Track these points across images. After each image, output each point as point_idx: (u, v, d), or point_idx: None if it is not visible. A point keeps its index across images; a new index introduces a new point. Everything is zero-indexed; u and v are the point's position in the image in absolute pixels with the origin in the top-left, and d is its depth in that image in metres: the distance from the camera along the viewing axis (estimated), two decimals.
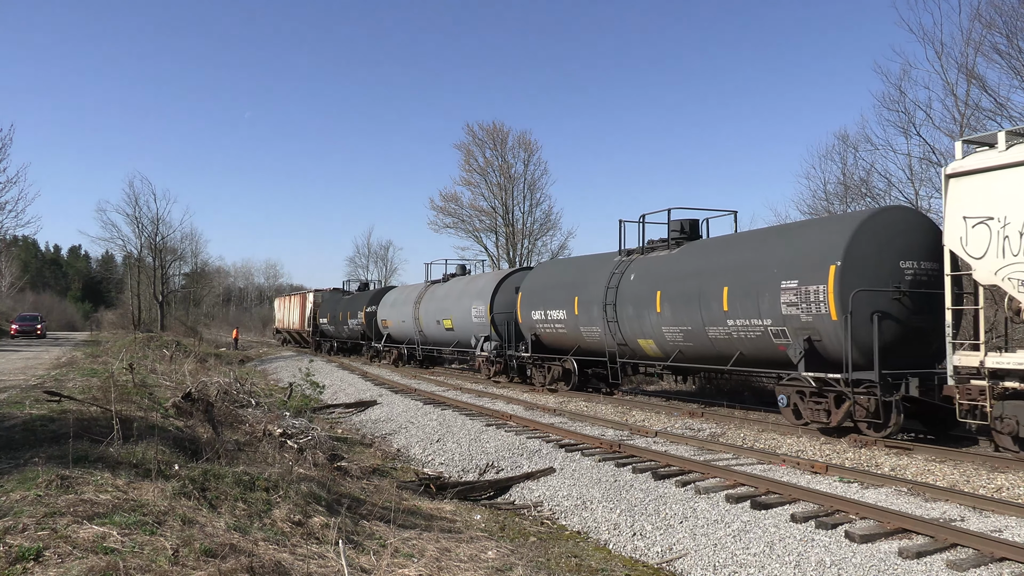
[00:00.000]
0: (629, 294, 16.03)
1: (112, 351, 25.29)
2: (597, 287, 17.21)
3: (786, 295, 12.11)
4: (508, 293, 22.42)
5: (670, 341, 14.93)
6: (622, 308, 16.20)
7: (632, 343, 16.20)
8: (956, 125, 21.71)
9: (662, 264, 15.65)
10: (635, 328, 15.87)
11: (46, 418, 9.18)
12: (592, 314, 17.35)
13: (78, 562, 4.26)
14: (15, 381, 15.30)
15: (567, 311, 18.46)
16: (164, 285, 58.52)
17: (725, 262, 13.86)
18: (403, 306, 30.07)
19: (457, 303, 24.96)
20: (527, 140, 45.78)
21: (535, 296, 20.13)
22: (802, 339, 11.86)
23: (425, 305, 27.71)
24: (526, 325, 20.55)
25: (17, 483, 5.72)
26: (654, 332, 15.26)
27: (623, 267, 16.76)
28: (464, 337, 24.49)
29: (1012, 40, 19.77)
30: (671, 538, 8.02)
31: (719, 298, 13.41)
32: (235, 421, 12.10)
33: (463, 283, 26.28)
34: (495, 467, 11.89)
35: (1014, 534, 6.82)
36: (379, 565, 5.70)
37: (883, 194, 24.27)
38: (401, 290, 32.85)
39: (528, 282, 21.10)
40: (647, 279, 15.67)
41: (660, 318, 14.95)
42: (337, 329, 39.90)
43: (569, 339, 18.78)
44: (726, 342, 13.54)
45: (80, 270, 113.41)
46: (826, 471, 9.50)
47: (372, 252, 74.89)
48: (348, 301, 38.98)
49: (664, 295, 14.88)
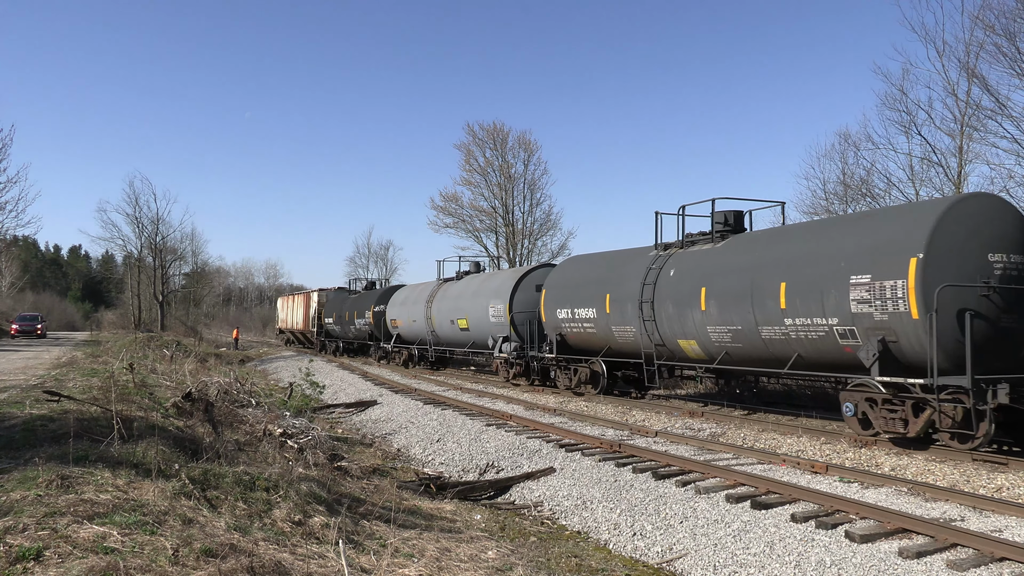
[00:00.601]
0: (669, 291, 14.93)
1: (112, 351, 25.28)
2: (632, 284, 16.11)
3: (856, 291, 11.00)
4: (528, 291, 21.46)
5: (716, 342, 13.87)
6: (661, 306, 15.12)
7: (671, 344, 15.18)
8: (957, 125, 21.75)
9: (707, 258, 14.45)
10: (675, 328, 14.82)
11: (46, 418, 9.17)
12: (626, 313, 16.32)
13: (78, 562, 4.26)
14: (15, 381, 15.30)
15: (597, 309, 17.32)
16: (164, 285, 58.50)
17: (782, 255, 12.66)
18: (414, 305, 29.18)
19: (473, 302, 24.00)
20: (527, 140, 45.80)
21: (561, 294, 19.07)
22: (875, 340, 10.75)
23: (438, 304, 26.81)
24: (550, 324, 19.46)
25: (17, 483, 5.72)
26: (697, 332, 14.21)
27: (661, 262, 15.55)
28: (480, 337, 23.57)
29: (1012, 41, 19.78)
30: (671, 538, 8.02)
31: (775, 295, 12.31)
32: (235, 421, 12.09)
33: (479, 281, 25.28)
34: (495, 467, 11.89)
35: (1014, 534, 6.82)
36: (379, 565, 5.70)
37: (883, 194, 24.29)
38: (411, 289, 31.79)
39: (553, 279, 19.97)
40: (690, 275, 14.56)
41: (705, 317, 13.89)
42: (343, 329, 39.03)
43: (599, 339, 17.70)
44: (782, 343, 12.46)
45: (80, 270, 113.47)
46: (826, 471, 9.50)
47: (372, 252, 74.87)
48: (354, 300, 38.06)
49: (710, 292, 13.76)
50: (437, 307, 26.72)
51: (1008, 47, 19.89)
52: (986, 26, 20.28)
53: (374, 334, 33.95)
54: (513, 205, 44.98)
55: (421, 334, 28.51)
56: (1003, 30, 19.98)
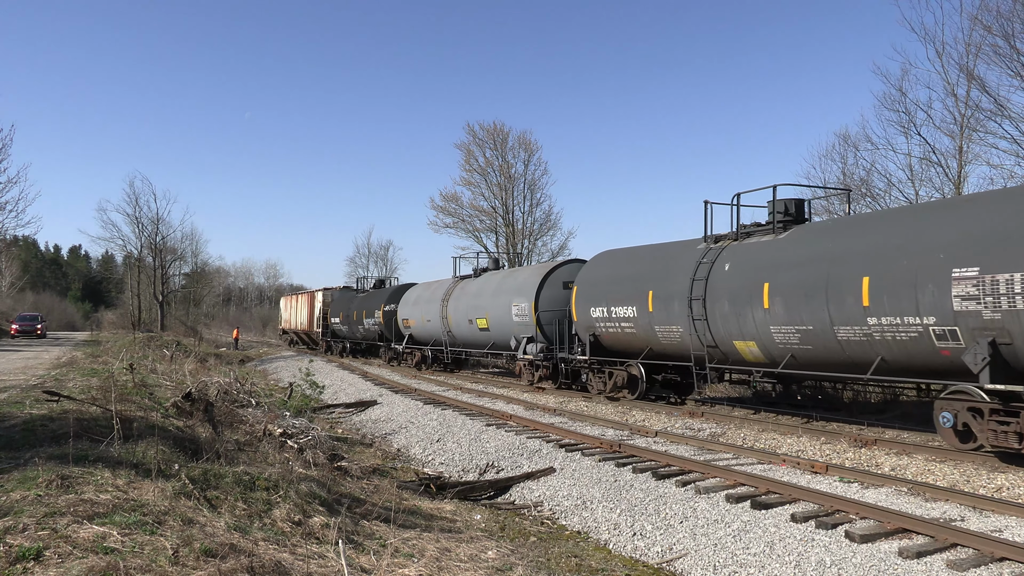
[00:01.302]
0: (724, 287, 13.63)
1: (112, 351, 25.29)
2: (679, 279, 14.83)
3: (960, 286, 9.67)
4: (555, 288, 20.17)
5: (780, 343, 12.57)
6: (714, 304, 13.79)
7: (725, 345, 13.85)
8: (956, 125, 21.72)
9: (768, 251, 13.16)
10: (731, 327, 13.52)
11: (46, 418, 9.17)
12: (672, 311, 14.98)
13: (78, 562, 4.26)
14: (15, 381, 15.29)
15: (638, 308, 15.98)
16: (164, 285, 58.48)
17: (864, 246, 11.32)
18: (428, 304, 27.84)
19: (493, 300, 22.69)
20: (527, 140, 45.77)
21: (595, 291, 17.63)
22: (984, 342, 9.47)
23: (454, 303, 25.45)
24: (583, 324, 18.03)
25: (17, 483, 5.72)
26: (758, 332, 12.92)
27: (713, 255, 14.27)
28: (502, 338, 22.25)
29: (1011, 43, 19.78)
30: (671, 538, 8.03)
31: (856, 291, 11.05)
32: (235, 421, 12.09)
33: (499, 278, 23.84)
34: (495, 467, 11.89)
35: (1014, 534, 6.82)
36: (379, 565, 5.70)
37: (883, 194, 24.27)
38: (425, 287, 30.26)
39: (585, 275, 18.52)
40: (748, 269, 13.28)
41: (768, 315, 12.61)
42: (351, 329, 37.69)
43: (638, 340, 16.31)
44: (862, 345, 11.16)
45: (80, 270, 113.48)
46: (826, 471, 9.50)
47: (372, 252, 74.85)
48: (363, 299, 36.70)
49: (774, 288, 12.48)
50: (454, 306, 25.45)
51: (1006, 48, 19.89)
52: (984, 27, 20.27)
53: (384, 334, 32.84)
54: (513, 205, 45.01)
55: (436, 334, 27.27)
56: (1000, 31, 19.98)
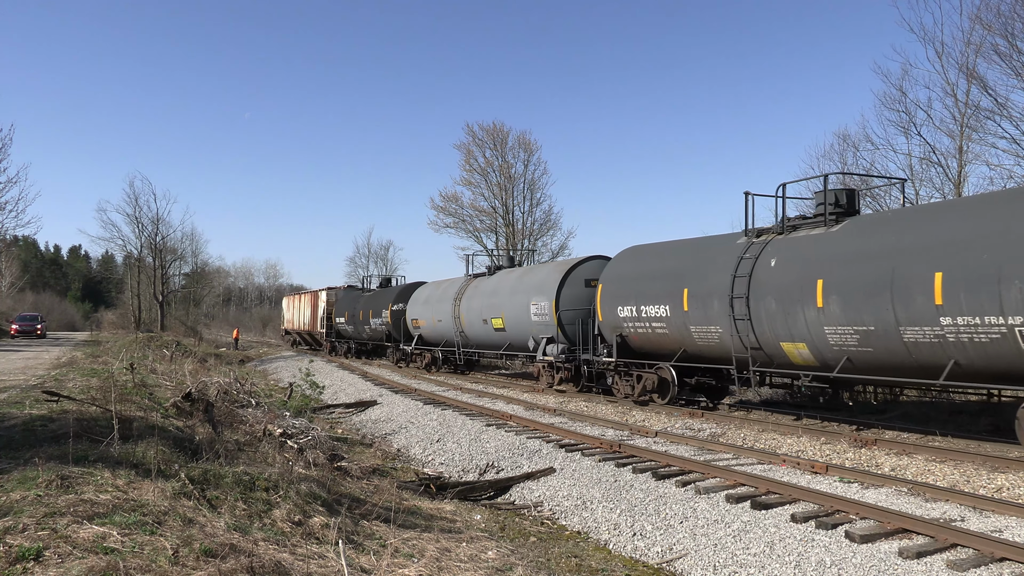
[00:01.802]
0: (770, 284, 12.76)
1: (112, 351, 25.28)
2: (718, 276, 13.92)
3: None
4: (576, 286, 19.37)
5: (835, 345, 11.68)
6: (759, 302, 12.90)
7: (771, 347, 12.93)
8: (956, 125, 21.72)
9: (821, 245, 12.27)
10: (779, 328, 12.61)
11: (46, 418, 9.17)
12: (710, 310, 14.08)
13: (78, 562, 4.25)
14: (15, 381, 15.29)
15: (671, 306, 15.06)
16: (164, 285, 58.43)
17: (935, 239, 10.46)
18: (439, 304, 26.93)
19: (510, 299, 21.80)
20: (527, 140, 45.70)
21: (622, 289, 16.70)
22: None
23: (468, 302, 24.56)
24: (609, 324, 17.09)
25: (17, 483, 5.72)
26: (810, 333, 12.06)
27: (756, 250, 13.37)
28: (519, 339, 21.37)
29: (1011, 41, 19.77)
30: (671, 538, 8.02)
31: (927, 288, 10.20)
32: (235, 421, 12.09)
33: (516, 276, 22.92)
34: (495, 467, 11.88)
35: (1014, 534, 6.82)
36: (379, 565, 5.70)
37: (883, 194, 24.26)
38: (435, 286, 29.37)
39: (612, 272, 17.60)
40: (798, 265, 12.41)
41: (822, 315, 11.74)
42: (356, 329, 36.75)
43: (671, 341, 15.40)
44: (933, 348, 10.28)
45: (80, 270, 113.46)
46: (826, 471, 9.50)
47: (372, 252, 74.81)
48: (369, 299, 35.75)
49: (828, 285, 11.63)
50: (467, 305, 24.58)
51: (1006, 47, 19.88)
52: (984, 26, 20.26)
53: (392, 335, 31.92)
54: (513, 205, 44.97)
55: (447, 335, 26.39)
56: (1001, 30, 19.98)
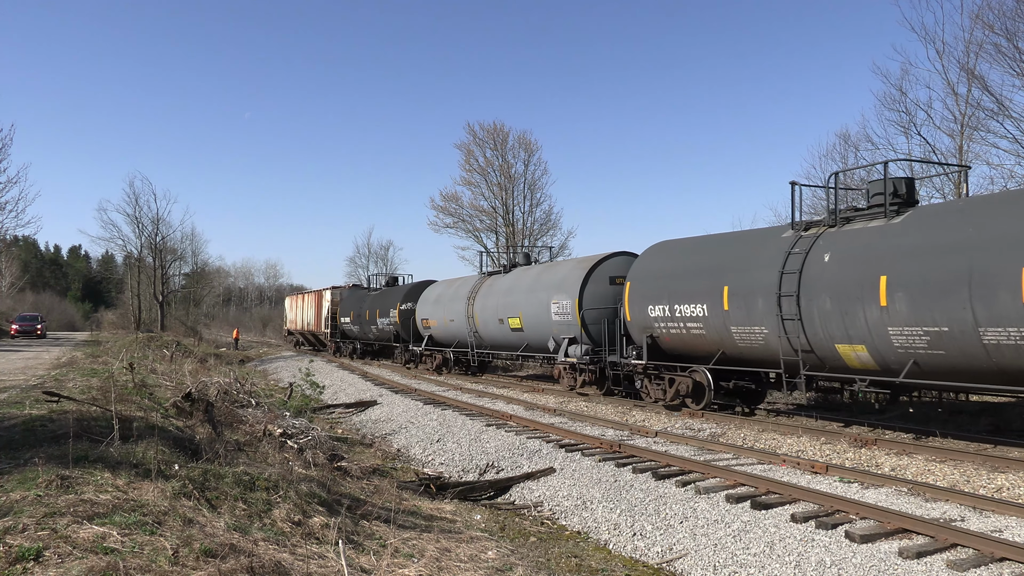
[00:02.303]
0: (824, 281, 11.80)
1: (112, 351, 25.28)
2: (763, 273, 12.96)
3: None
4: (601, 284, 18.44)
5: (900, 348, 10.69)
6: (812, 301, 11.95)
7: (824, 349, 11.95)
8: (957, 125, 21.74)
9: (883, 238, 11.28)
10: (834, 329, 11.64)
11: (46, 418, 9.17)
12: (754, 309, 13.08)
13: (78, 562, 4.25)
14: (15, 381, 15.29)
15: (709, 306, 14.06)
16: (164, 285, 58.43)
17: (1021, 229, 9.47)
18: (451, 303, 25.83)
19: (529, 297, 20.84)
20: (527, 140, 45.67)
21: (653, 287, 15.73)
22: None
23: (482, 301, 23.53)
24: (638, 324, 16.13)
25: (17, 483, 5.72)
26: (871, 335, 11.05)
27: (805, 244, 12.43)
28: (538, 339, 20.45)
29: (1012, 41, 19.78)
30: (671, 538, 8.02)
31: (1014, 284, 9.29)
32: (235, 421, 12.09)
33: (534, 273, 21.77)
34: (495, 467, 11.88)
35: (1014, 534, 6.82)
36: (379, 565, 5.70)
37: None
38: (447, 284, 28.32)
39: (641, 269, 16.56)
40: (856, 260, 11.43)
41: (886, 314, 10.78)
42: (362, 330, 35.55)
43: (708, 343, 14.41)
44: (1019, 350, 9.37)
45: (80, 270, 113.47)
46: (826, 471, 9.50)
47: (372, 252, 74.83)
48: (376, 298, 34.37)
49: (893, 282, 10.69)
50: (481, 304, 23.52)
51: (1008, 47, 19.89)
52: (986, 25, 20.26)
53: (400, 335, 30.78)
54: (513, 205, 44.95)
55: (460, 335, 25.41)
56: (1003, 30, 19.98)
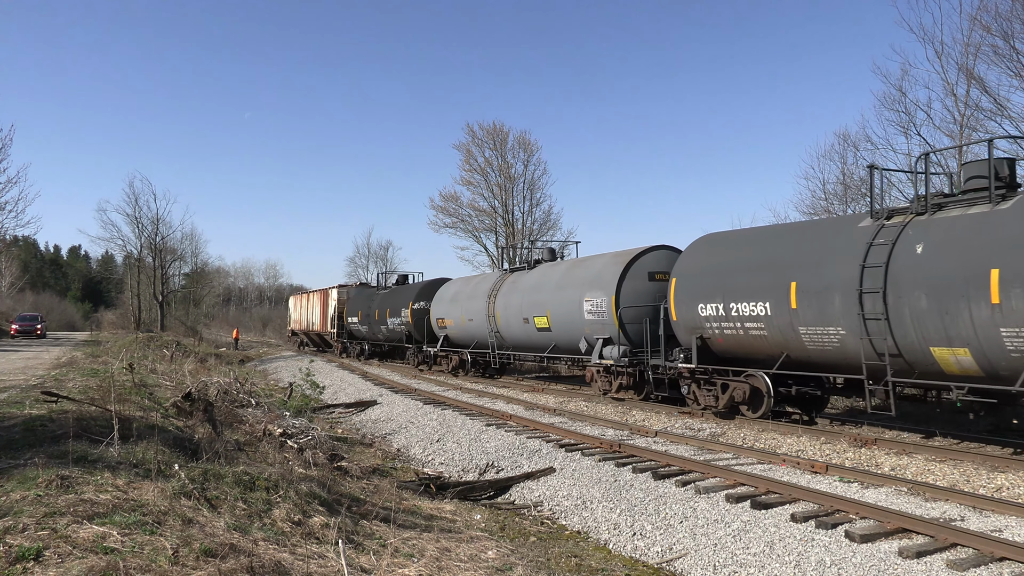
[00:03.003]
0: (917, 276, 10.56)
1: (112, 351, 25.29)
2: (839, 267, 11.64)
3: None
4: (639, 280, 17.15)
5: (1013, 351, 9.52)
6: (901, 298, 10.72)
7: (916, 353, 10.70)
8: (956, 125, 21.74)
9: (990, 227, 10.01)
10: (930, 329, 10.40)
11: (46, 418, 9.18)
12: (828, 308, 11.69)
13: (78, 562, 4.26)
14: (15, 381, 15.30)
15: (772, 304, 12.62)
16: (164, 285, 58.46)
17: None
18: (469, 301, 24.58)
19: (557, 295, 19.51)
20: (527, 140, 45.70)
21: (704, 283, 14.34)
22: None
23: (504, 299, 22.25)
24: (686, 324, 14.76)
25: (17, 483, 5.72)
26: (977, 336, 9.82)
27: (890, 234, 11.18)
28: (568, 339, 19.19)
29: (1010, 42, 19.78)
30: (671, 538, 8.02)
31: None
32: (235, 421, 12.10)
33: (563, 269, 20.44)
34: (495, 467, 11.89)
35: (1014, 534, 6.82)
36: (379, 565, 5.70)
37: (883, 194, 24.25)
38: (464, 282, 27.06)
39: (688, 264, 15.15)
40: (959, 251, 10.15)
41: (998, 313, 9.57)
42: (371, 330, 34.13)
43: (770, 345, 12.93)
44: None
45: (80, 270, 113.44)
46: (826, 471, 9.50)
47: (372, 252, 74.85)
48: (386, 297, 32.98)
49: (1007, 276, 9.40)
50: (503, 302, 22.25)
51: (1005, 48, 19.89)
52: (983, 27, 20.26)
53: (412, 335, 29.45)
54: (513, 205, 44.96)
55: (479, 336, 24.13)
56: (999, 31, 19.98)
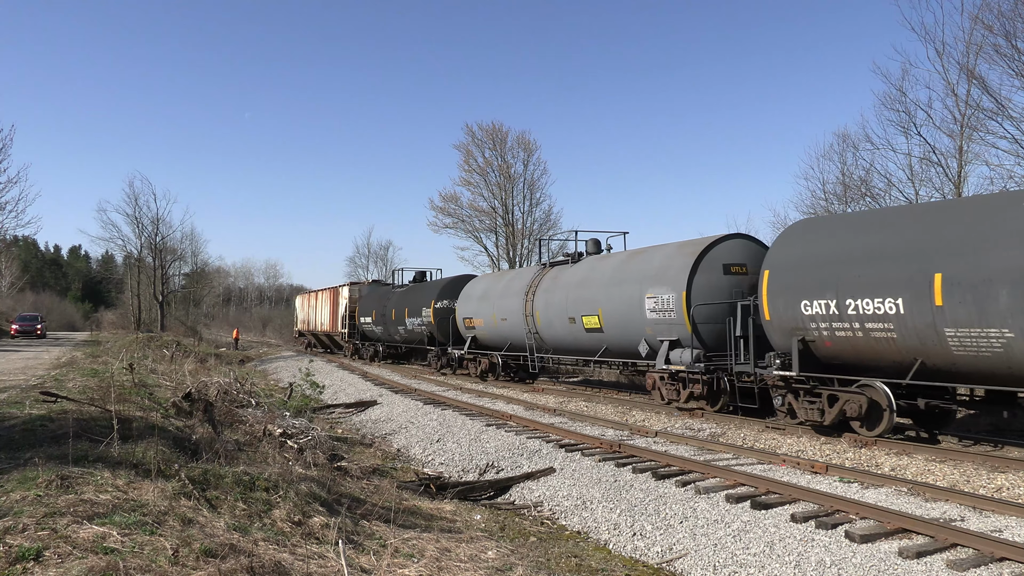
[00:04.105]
0: None
1: (112, 351, 25.28)
2: (1006, 254, 9.59)
3: None
4: (713, 273, 14.91)
5: None
6: None
7: None
8: (957, 125, 21.72)
9: None
10: None
11: (46, 418, 9.17)
12: (990, 304, 9.67)
13: (78, 562, 4.26)
14: (15, 381, 15.29)
15: (907, 299, 10.57)
16: (164, 285, 58.49)
17: None
18: (502, 299, 22.57)
19: (610, 291, 17.31)
20: (526, 140, 45.69)
21: (809, 275, 12.13)
22: None
23: (544, 296, 20.18)
24: (782, 324, 12.48)
25: (17, 483, 5.72)
26: None
27: None
28: (623, 341, 17.08)
29: (1012, 42, 19.77)
30: (671, 538, 8.02)
31: None
32: (235, 421, 12.10)
33: (616, 262, 18.12)
34: (495, 467, 11.88)
35: (1014, 534, 6.82)
36: (379, 565, 5.70)
37: (883, 194, 24.26)
38: (495, 278, 25.12)
39: (785, 254, 12.77)
40: None
41: None
42: (387, 331, 32.35)
43: (900, 349, 10.88)
44: None
45: (80, 270, 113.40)
46: (826, 471, 9.50)
47: (372, 252, 74.88)
48: (403, 295, 30.99)
49: None
50: (543, 300, 20.17)
51: (1007, 48, 19.88)
52: (985, 26, 20.25)
53: (434, 337, 27.54)
54: (513, 205, 44.96)
55: (513, 337, 22.22)
56: (1002, 30, 19.97)
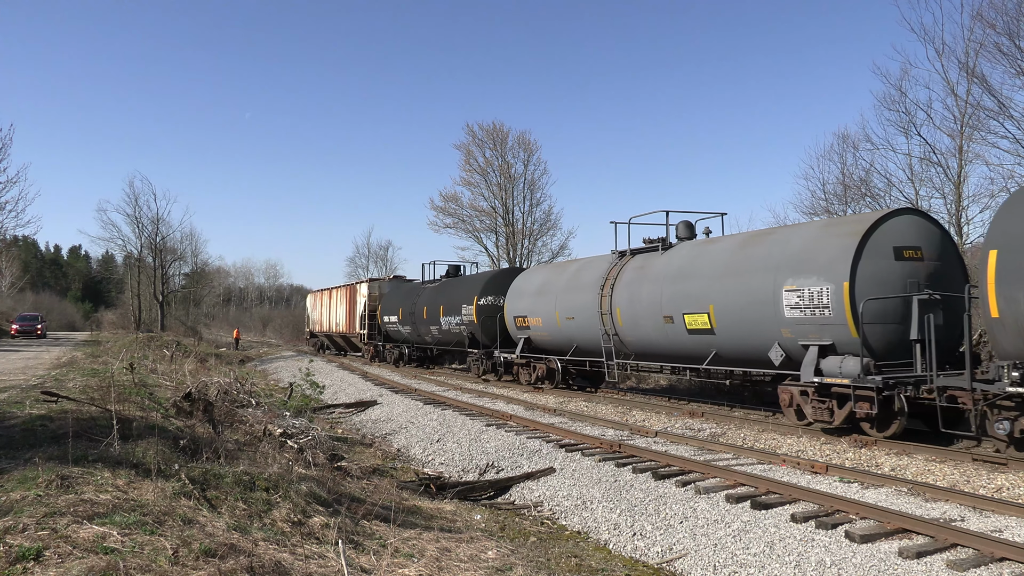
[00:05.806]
0: None
1: (112, 351, 25.28)
2: None
3: None
4: (882, 258, 11.46)
5: None
6: None
7: None
8: (957, 125, 21.72)
9: None
10: None
11: (46, 418, 9.17)
12: None
13: (78, 562, 4.25)
14: (15, 381, 15.29)
15: None
16: (164, 285, 58.48)
17: None
18: (567, 294, 19.20)
19: (727, 282, 13.79)
20: (527, 140, 45.63)
21: None
22: None
23: (627, 290, 16.82)
24: (1021, 323, 8.98)
25: (17, 483, 5.72)
26: None
27: None
28: (744, 344, 13.64)
29: (1015, 40, 19.75)
30: (671, 538, 8.02)
31: None
32: (235, 421, 12.09)
33: (731, 246, 14.58)
34: (495, 467, 11.88)
35: (1014, 534, 6.82)
36: (379, 565, 5.70)
37: (883, 194, 24.26)
38: (554, 269, 21.61)
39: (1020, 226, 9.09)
40: None
41: None
42: (415, 331, 28.61)
43: None
44: None
45: (80, 270, 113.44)
46: (826, 471, 9.50)
47: (372, 252, 74.89)
48: (437, 291, 27.00)
49: None
50: (626, 295, 16.82)
51: (1009, 46, 19.86)
52: (987, 24, 20.22)
53: (476, 338, 23.75)
54: (513, 205, 44.91)
55: (583, 338, 18.75)
56: (1004, 28, 19.95)
